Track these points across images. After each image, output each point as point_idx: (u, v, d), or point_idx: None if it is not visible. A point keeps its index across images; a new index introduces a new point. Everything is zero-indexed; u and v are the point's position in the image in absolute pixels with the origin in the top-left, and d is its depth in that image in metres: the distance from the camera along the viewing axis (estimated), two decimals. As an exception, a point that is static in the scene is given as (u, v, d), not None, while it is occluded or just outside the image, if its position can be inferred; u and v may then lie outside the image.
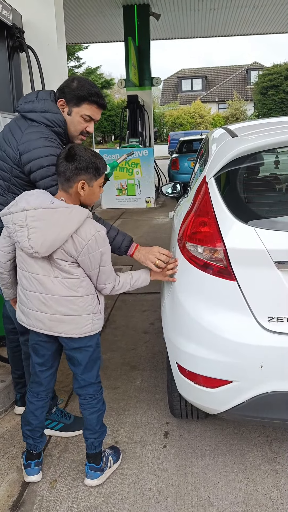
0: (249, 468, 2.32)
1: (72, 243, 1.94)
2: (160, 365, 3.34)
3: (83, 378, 2.18)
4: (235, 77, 42.68)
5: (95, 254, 1.98)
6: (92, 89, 2.23)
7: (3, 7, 3.95)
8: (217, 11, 13.20)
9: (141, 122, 12.47)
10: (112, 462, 2.31)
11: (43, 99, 2.23)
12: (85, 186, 1.98)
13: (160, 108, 40.04)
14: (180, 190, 4.05)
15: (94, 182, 2.01)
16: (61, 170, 1.97)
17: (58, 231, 1.90)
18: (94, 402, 2.21)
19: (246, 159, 2.15)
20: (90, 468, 2.23)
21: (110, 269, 2.08)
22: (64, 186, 1.99)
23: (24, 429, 2.27)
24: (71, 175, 1.95)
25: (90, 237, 1.94)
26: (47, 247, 1.91)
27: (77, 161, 1.95)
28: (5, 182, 2.25)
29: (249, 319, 1.96)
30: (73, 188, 1.98)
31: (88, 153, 1.99)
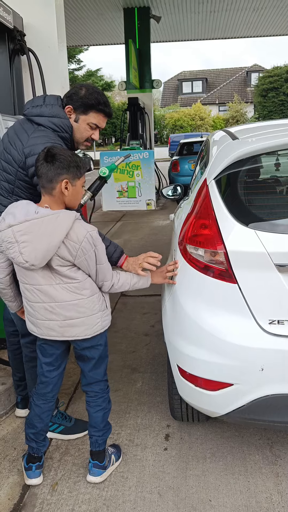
0: (250, 471, 2.31)
1: (65, 248, 1.93)
2: (161, 368, 3.33)
3: (91, 375, 2.21)
4: (235, 80, 42.73)
5: (91, 255, 1.98)
6: (100, 98, 2.25)
7: (4, 10, 3.96)
8: (217, 14, 13.23)
9: (141, 124, 12.50)
10: (114, 460, 2.35)
11: (51, 104, 2.24)
12: (68, 186, 1.96)
13: (161, 111, 40.08)
14: (180, 193, 4.06)
15: (77, 181, 1.99)
16: (43, 172, 1.94)
17: (49, 240, 1.89)
18: (100, 400, 2.23)
19: (247, 162, 2.15)
20: (94, 465, 2.25)
21: (107, 267, 2.08)
22: (47, 188, 1.97)
23: (28, 431, 2.27)
24: (53, 175, 1.93)
25: (82, 239, 1.93)
26: (41, 258, 1.91)
27: (59, 161, 1.92)
28: (10, 185, 2.26)
29: (250, 322, 1.96)
30: (57, 189, 1.95)
31: (68, 152, 1.98)
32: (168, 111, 38.85)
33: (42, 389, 2.25)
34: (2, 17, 3.92)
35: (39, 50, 4.42)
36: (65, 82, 4.91)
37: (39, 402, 2.25)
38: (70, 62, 27.66)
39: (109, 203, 10.78)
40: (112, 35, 15.28)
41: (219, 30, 15.13)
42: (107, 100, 2.29)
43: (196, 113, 35.32)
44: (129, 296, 4.94)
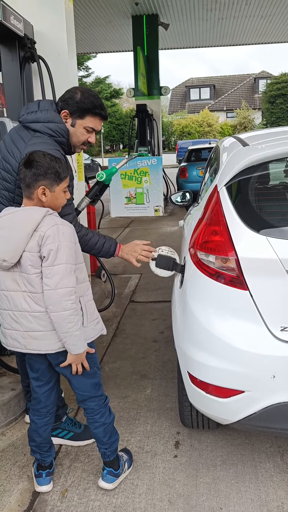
0: (261, 479, 2.29)
1: (34, 240, 1.88)
2: (170, 374, 3.32)
3: (79, 392, 2.14)
4: (243, 86, 42.81)
5: (51, 246, 1.86)
6: (96, 101, 2.24)
7: (15, 18, 4.01)
8: (226, 21, 13.26)
9: (149, 131, 12.53)
10: (126, 467, 2.34)
11: (46, 109, 2.23)
12: (46, 192, 1.93)
13: (168, 117, 40.20)
14: (189, 199, 4.06)
15: (56, 187, 1.96)
16: (21, 177, 1.94)
17: (19, 234, 1.88)
18: (97, 416, 2.16)
19: (258, 168, 2.16)
20: (109, 472, 2.24)
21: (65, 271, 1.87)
22: (26, 192, 1.96)
23: (30, 444, 2.26)
24: (31, 181, 1.92)
25: (49, 228, 1.88)
26: (12, 252, 1.88)
27: (35, 167, 1.91)
28: (10, 193, 2.26)
29: (261, 329, 1.95)
30: (34, 194, 1.94)
31: (47, 158, 1.94)
32: (176, 117, 38.96)
33: (35, 404, 2.21)
34: (13, 25, 3.96)
35: (49, 58, 4.45)
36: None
37: (34, 417, 2.22)
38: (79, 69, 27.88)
39: (117, 209, 10.80)
40: (121, 42, 15.36)
41: (227, 37, 15.17)
42: (102, 103, 2.29)
43: (203, 119, 35.39)
44: (138, 302, 4.94)
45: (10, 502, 2.21)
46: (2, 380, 3.02)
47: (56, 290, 1.87)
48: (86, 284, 2.11)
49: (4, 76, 4.36)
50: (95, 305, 2.17)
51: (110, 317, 4.51)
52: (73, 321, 1.91)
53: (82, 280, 2.06)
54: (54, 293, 1.87)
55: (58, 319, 1.90)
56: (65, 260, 1.89)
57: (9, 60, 4.30)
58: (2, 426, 2.77)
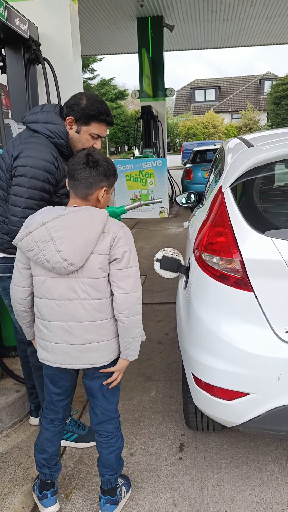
0: (266, 482, 2.28)
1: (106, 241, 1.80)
2: (175, 376, 3.31)
3: (103, 411, 2.03)
4: (248, 87, 42.77)
5: (125, 248, 1.82)
6: (102, 107, 2.22)
7: (20, 20, 4.03)
8: (231, 22, 13.27)
9: (154, 132, 12.55)
10: (125, 491, 2.20)
11: (47, 111, 2.25)
12: (105, 194, 1.89)
13: (174, 119, 40.22)
14: (194, 200, 4.05)
15: (111, 190, 1.95)
16: (84, 177, 1.83)
17: (86, 235, 1.77)
18: (113, 440, 2.05)
19: (262, 169, 2.15)
20: (106, 501, 2.09)
21: (137, 274, 1.87)
22: (82, 193, 1.86)
23: (39, 458, 2.11)
24: (95, 182, 1.84)
25: (119, 229, 1.83)
26: (81, 254, 1.76)
27: (102, 167, 1.85)
28: (4, 192, 2.27)
29: (266, 331, 1.93)
30: (93, 195, 1.86)
31: (108, 159, 1.92)
32: (181, 119, 38.97)
33: (51, 414, 2.11)
34: (18, 27, 3.98)
35: (54, 60, 4.47)
36: (80, 91, 4.96)
37: (49, 426, 2.11)
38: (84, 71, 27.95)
39: (122, 211, 10.79)
40: (126, 44, 15.41)
41: (232, 38, 15.18)
42: (108, 109, 2.27)
43: (209, 121, 35.38)
44: (143, 304, 4.90)
45: (14, 504, 2.21)
46: (7, 382, 3.02)
47: (132, 293, 1.83)
48: None
49: (9, 78, 4.38)
50: None
51: (114, 319, 4.50)
52: (140, 325, 1.89)
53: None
54: (130, 297, 1.82)
55: (131, 324, 1.85)
56: (136, 263, 1.86)
57: (14, 62, 4.32)
58: (7, 428, 2.77)
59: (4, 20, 3.72)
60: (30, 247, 1.80)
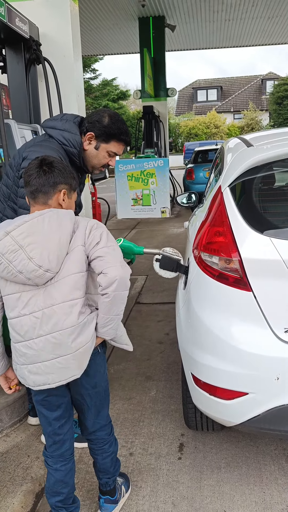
0: (265, 481, 2.28)
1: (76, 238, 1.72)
2: (175, 376, 3.31)
3: (94, 421, 1.96)
4: (250, 87, 42.70)
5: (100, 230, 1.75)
6: (123, 127, 2.26)
7: (20, 20, 4.03)
8: (232, 22, 13.25)
9: (156, 132, 12.53)
10: (124, 491, 2.20)
11: (66, 119, 2.29)
12: (65, 197, 1.80)
13: (175, 119, 40.18)
14: (195, 200, 4.05)
15: (72, 193, 1.86)
16: (40, 182, 1.75)
17: (58, 237, 1.67)
18: (106, 446, 2.01)
19: (262, 169, 2.14)
20: (106, 501, 2.08)
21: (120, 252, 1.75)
22: (42, 198, 1.77)
23: (53, 502, 1.89)
24: (52, 184, 1.76)
25: (87, 221, 1.77)
26: (56, 258, 1.65)
27: (57, 169, 1.78)
28: (8, 189, 2.31)
29: (265, 330, 1.93)
30: (53, 199, 1.77)
31: (63, 162, 1.87)
32: (183, 119, 38.93)
33: (57, 449, 1.89)
34: (18, 27, 3.98)
35: (54, 60, 4.47)
36: (80, 91, 4.97)
37: (58, 465, 1.89)
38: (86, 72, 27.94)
39: (124, 211, 10.80)
40: (127, 44, 15.39)
41: (234, 38, 15.15)
42: (127, 129, 2.31)
43: (211, 121, 35.33)
44: (144, 304, 4.93)
45: (13, 503, 2.21)
46: (7, 381, 3.02)
47: (122, 266, 1.69)
48: None
49: (10, 78, 4.39)
50: None
51: (115, 319, 4.50)
52: (125, 302, 1.75)
53: None
54: (120, 269, 1.68)
55: (118, 300, 1.70)
56: (116, 243, 1.78)
57: (15, 62, 4.33)
58: (6, 428, 2.78)
59: (5, 20, 3.72)
60: None
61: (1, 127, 3.39)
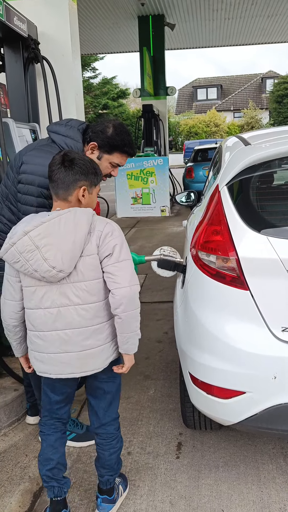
0: (263, 481, 2.27)
1: (92, 241, 1.76)
2: (174, 375, 3.31)
3: (105, 412, 2.01)
4: (250, 86, 42.66)
5: (114, 241, 1.77)
6: (127, 139, 2.23)
7: (19, 19, 4.02)
8: (232, 21, 13.23)
9: (156, 131, 12.53)
10: (122, 491, 2.20)
11: (71, 125, 2.26)
12: (85, 193, 1.84)
13: (175, 117, 40.15)
14: (194, 199, 4.04)
15: (93, 190, 1.88)
16: (59, 177, 1.79)
17: (72, 238, 1.71)
18: (114, 442, 2.04)
19: (259, 168, 2.14)
20: (103, 500, 2.08)
21: (131, 266, 1.80)
22: (62, 194, 1.82)
23: (44, 471, 1.98)
24: (72, 181, 1.80)
25: (104, 225, 1.78)
26: (69, 260, 1.71)
27: (78, 166, 1.81)
28: (6, 190, 2.31)
29: (262, 329, 1.93)
30: (73, 196, 1.82)
31: (86, 157, 1.87)
32: (183, 117, 38.90)
33: (50, 419, 2.04)
34: (16, 26, 3.97)
35: (53, 58, 4.47)
36: (79, 90, 4.96)
37: (50, 431, 2.03)
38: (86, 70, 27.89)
39: (124, 210, 10.80)
40: (127, 43, 15.37)
41: (233, 37, 15.13)
42: (132, 141, 2.28)
43: (211, 119, 35.32)
44: (143, 303, 4.90)
45: (11, 503, 2.21)
46: (5, 381, 3.02)
47: (130, 287, 1.75)
48: None
49: (8, 77, 4.38)
50: None
51: (114, 318, 4.50)
52: (139, 318, 1.83)
53: None
54: (129, 290, 1.75)
55: (130, 319, 1.78)
56: (129, 256, 1.80)
57: (13, 61, 4.32)
58: (5, 427, 2.77)
59: (3, 19, 3.72)
60: (16, 258, 1.73)
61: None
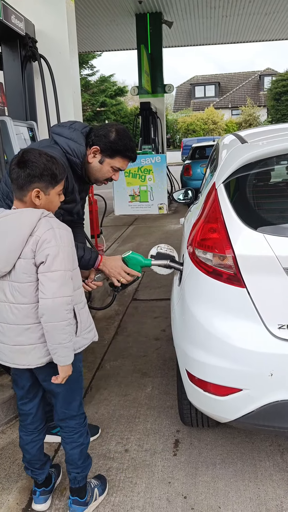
0: (260, 478, 2.28)
1: (29, 245, 1.74)
2: (171, 372, 3.32)
3: (63, 410, 2.01)
4: (248, 83, 42.63)
5: (48, 251, 1.72)
6: (129, 144, 2.24)
7: (16, 17, 4.01)
8: (229, 18, 13.22)
9: (153, 129, 12.52)
10: (97, 494, 2.16)
11: (75, 128, 2.24)
12: (40, 195, 1.79)
13: (173, 115, 40.12)
14: (191, 197, 4.04)
15: (51, 190, 1.82)
16: (13, 177, 1.78)
17: (11, 239, 1.73)
18: (76, 436, 2.03)
19: (256, 165, 2.14)
20: (74, 502, 2.07)
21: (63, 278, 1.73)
22: (18, 194, 1.81)
23: (22, 460, 2.14)
24: (24, 183, 1.76)
25: (45, 231, 1.74)
26: (4, 260, 1.74)
27: (30, 168, 1.75)
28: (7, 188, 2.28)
29: (258, 327, 1.93)
30: (27, 197, 1.79)
31: (43, 158, 1.79)
32: (181, 115, 38.86)
33: (22, 420, 2.09)
34: (14, 24, 3.96)
35: (50, 57, 4.45)
36: (77, 88, 4.95)
37: (21, 433, 2.09)
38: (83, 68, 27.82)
39: (121, 207, 10.80)
40: (125, 41, 15.35)
41: (231, 34, 15.12)
42: (134, 146, 2.28)
43: (208, 117, 35.29)
44: (140, 300, 4.94)
45: (8, 500, 2.21)
46: (3, 379, 3.03)
47: (53, 299, 1.71)
48: (81, 291, 1.97)
49: (6, 75, 4.36)
50: (88, 311, 2.02)
51: (112, 315, 4.51)
52: (68, 332, 1.76)
53: (77, 287, 1.90)
54: (51, 302, 1.71)
55: (53, 330, 1.74)
56: (63, 267, 1.73)
57: (11, 59, 4.30)
58: (2, 424, 2.78)
59: (0, 17, 3.70)
60: None
61: (-4, 124, 3.38)
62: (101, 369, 3.45)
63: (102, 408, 2.93)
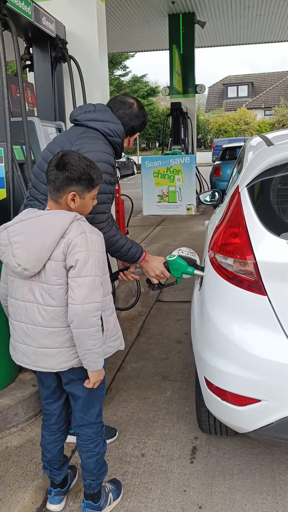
0: (279, 491, 2.22)
1: (60, 247, 1.74)
2: (192, 377, 3.27)
3: (82, 415, 1.99)
4: (282, 83, 41.89)
5: (78, 255, 1.72)
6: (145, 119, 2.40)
7: (47, 19, 4.04)
8: (263, 17, 13.00)
9: (184, 129, 12.44)
10: (112, 499, 2.14)
11: (103, 110, 2.26)
12: (76, 198, 1.80)
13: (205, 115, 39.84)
14: (218, 198, 3.98)
15: (87, 194, 1.83)
16: (51, 179, 1.78)
17: (41, 241, 1.72)
18: (92, 445, 2.01)
19: (281, 169, 2.08)
20: (87, 506, 2.06)
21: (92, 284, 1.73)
22: (53, 195, 1.81)
23: (42, 459, 2.15)
24: (61, 185, 1.77)
25: (76, 235, 1.73)
26: (34, 260, 1.73)
27: (69, 171, 1.76)
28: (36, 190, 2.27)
29: (279, 336, 1.88)
30: (63, 199, 1.80)
31: (83, 162, 1.79)
32: (213, 115, 38.55)
33: (46, 420, 2.10)
34: (45, 26, 3.99)
35: (80, 58, 4.48)
36: (105, 89, 4.96)
37: (44, 432, 2.11)
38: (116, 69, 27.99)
39: (149, 208, 10.79)
40: (157, 41, 15.32)
41: (265, 34, 14.87)
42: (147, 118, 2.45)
43: (241, 117, 34.87)
44: (164, 302, 4.91)
45: (24, 499, 2.22)
46: (24, 376, 3.06)
47: (83, 305, 1.71)
48: (110, 297, 1.95)
49: (36, 76, 4.42)
50: (116, 319, 2.01)
51: (135, 316, 4.50)
52: (97, 337, 1.76)
53: (106, 293, 1.90)
54: (80, 308, 1.71)
55: (82, 336, 1.74)
56: (93, 273, 1.73)
57: (41, 60, 4.35)
58: (22, 422, 2.80)
59: (31, 19, 3.74)
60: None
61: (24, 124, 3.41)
62: (122, 370, 3.44)
63: (121, 411, 2.92)
